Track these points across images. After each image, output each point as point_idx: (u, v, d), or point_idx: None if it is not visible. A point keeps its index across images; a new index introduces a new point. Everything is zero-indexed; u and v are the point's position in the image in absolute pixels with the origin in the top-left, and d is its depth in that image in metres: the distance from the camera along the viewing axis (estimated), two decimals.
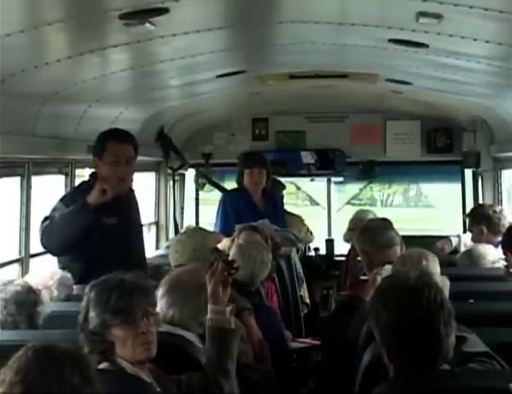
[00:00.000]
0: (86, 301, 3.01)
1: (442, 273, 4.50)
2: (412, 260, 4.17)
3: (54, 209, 4.85)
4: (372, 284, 4.12)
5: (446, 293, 3.55)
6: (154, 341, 3.00)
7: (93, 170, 5.06)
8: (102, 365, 2.92)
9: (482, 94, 6.33)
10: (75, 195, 4.92)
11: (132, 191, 5.20)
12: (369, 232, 4.97)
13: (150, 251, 6.52)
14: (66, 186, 5.83)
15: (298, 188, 10.30)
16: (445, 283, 3.92)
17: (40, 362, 2.15)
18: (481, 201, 8.15)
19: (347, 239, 7.38)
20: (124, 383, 2.87)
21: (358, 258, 5.50)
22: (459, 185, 8.81)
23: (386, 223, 5.13)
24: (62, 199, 4.92)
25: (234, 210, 6.79)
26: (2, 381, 2.13)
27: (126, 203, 5.08)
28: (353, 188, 10.00)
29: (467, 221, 6.69)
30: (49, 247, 4.83)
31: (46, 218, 4.80)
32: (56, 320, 3.72)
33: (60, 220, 4.71)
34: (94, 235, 4.77)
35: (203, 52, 5.03)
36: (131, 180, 5.05)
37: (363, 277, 5.20)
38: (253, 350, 4.28)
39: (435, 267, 4.19)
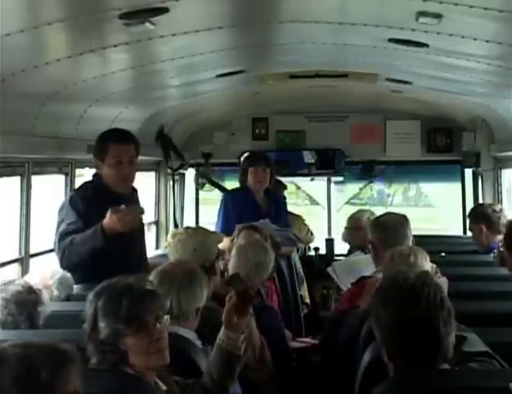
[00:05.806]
0: (93, 310, 2.84)
1: (443, 273, 4.51)
2: (400, 256, 4.18)
3: (62, 221, 4.78)
4: (368, 292, 4.12)
5: None
6: (167, 346, 2.89)
7: (94, 170, 5.06)
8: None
9: (482, 94, 6.32)
10: (77, 198, 4.84)
11: (135, 191, 5.19)
12: (388, 227, 4.95)
13: (150, 251, 6.51)
14: (66, 186, 5.83)
15: (298, 187, 10.30)
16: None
17: (15, 359, 2.14)
18: (481, 201, 8.16)
19: (346, 239, 7.37)
20: (126, 384, 2.83)
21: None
22: (459, 185, 8.81)
23: (405, 220, 5.13)
24: (71, 204, 4.81)
25: (236, 209, 6.76)
26: None
27: (130, 204, 5.06)
28: (353, 188, 10.00)
29: (467, 220, 6.69)
30: (68, 266, 4.70)
31: (62, 236, 4.73)
32: (56, 320, 3.72)
33: (78, 241, 4.67)
34: None
35: (203, 51, 5.03)
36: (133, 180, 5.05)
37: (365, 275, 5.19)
38: (253, 352, 4.27)
39: (423, 263, 4.19)
